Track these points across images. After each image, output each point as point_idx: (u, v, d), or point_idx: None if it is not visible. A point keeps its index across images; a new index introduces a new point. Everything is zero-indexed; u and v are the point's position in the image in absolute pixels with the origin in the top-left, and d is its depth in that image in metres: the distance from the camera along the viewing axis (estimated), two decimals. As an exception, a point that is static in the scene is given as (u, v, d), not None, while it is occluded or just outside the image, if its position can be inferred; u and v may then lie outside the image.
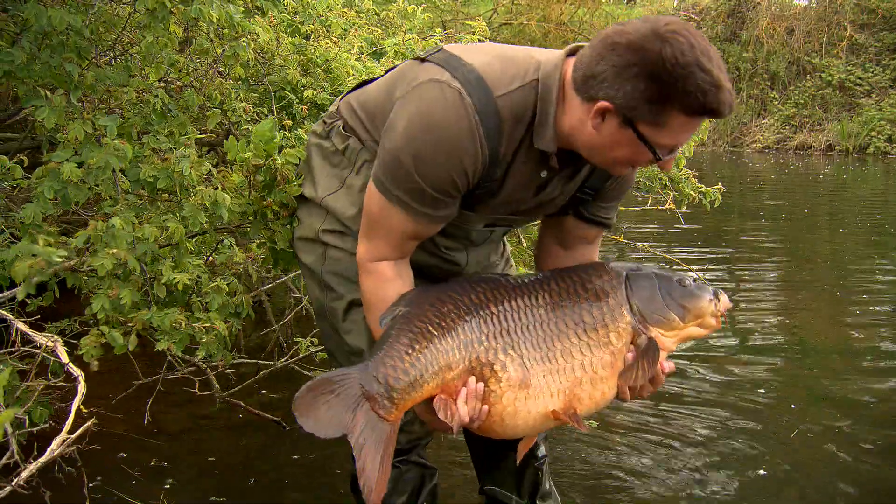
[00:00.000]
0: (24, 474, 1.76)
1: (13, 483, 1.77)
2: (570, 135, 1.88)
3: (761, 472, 2.96)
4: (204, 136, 2.83)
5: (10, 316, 2.06)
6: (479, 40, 4.12)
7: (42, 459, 1.78)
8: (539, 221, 2.35)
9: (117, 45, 2.73)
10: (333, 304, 2.17)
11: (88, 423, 1.87)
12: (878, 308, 5.39)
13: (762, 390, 3.82)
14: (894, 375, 4.08)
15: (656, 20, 1.76)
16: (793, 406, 3.63)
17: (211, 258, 2.60)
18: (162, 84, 2.74)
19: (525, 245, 4.08)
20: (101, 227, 2.16)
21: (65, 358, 1.98)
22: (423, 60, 1.97)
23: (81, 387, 1.93)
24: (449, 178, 1.88)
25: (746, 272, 6.53)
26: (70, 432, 1.83)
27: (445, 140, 1.85)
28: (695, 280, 2.02)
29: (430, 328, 1.85)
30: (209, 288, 2.41)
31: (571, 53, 1.90)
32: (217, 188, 2.36)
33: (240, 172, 2.40)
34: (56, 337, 2.02)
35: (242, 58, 2.72)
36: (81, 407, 1.89)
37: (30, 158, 2.35)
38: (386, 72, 2.20)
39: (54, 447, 1.80)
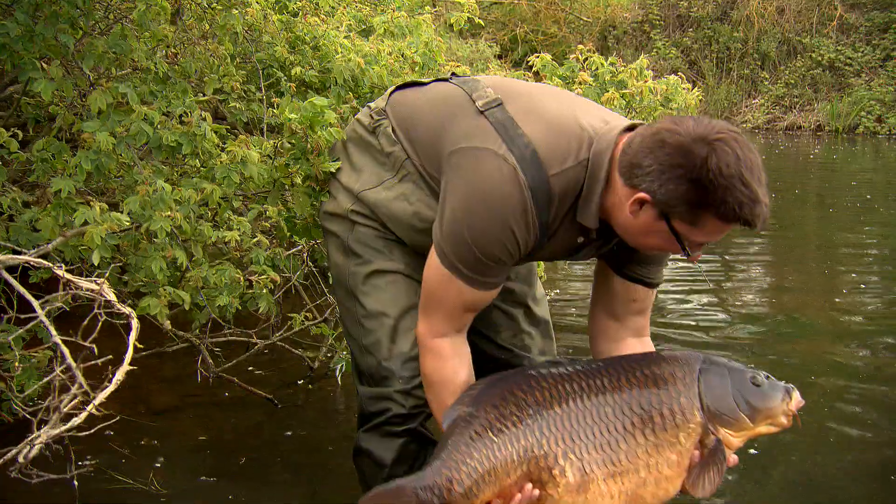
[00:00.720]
0: (97, 400, 1.87)
1: (88, 409, 1.86)
2: (609, 211, 1.96)
3: (751, 450, 2.97)
4: (206, 98, 2.82)
5: (50, 264, 2.09)
6: (469, 18, 4.09)
7: (109, 388, 1.88)
8: None
9: (109, 15, 2.71)
10: (356, 268, 2.24)
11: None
12: (864, 286, 5.42)
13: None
14: (882, 350, 4.11)
15: (708, 125, 1.81)
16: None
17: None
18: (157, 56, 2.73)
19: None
20: (150, 192, 2.20)
21: (112, 298, 2.02)
22: (480, 112, 2.04)
23: (135, 322, 2.01)
24: (504, 250, 1.97)
25: (736, 250, 6.55)
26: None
27: (500, 216, 1.94)
28: (767, 377, 1.99)
29: (491, 434, 1.85)
30: (252, 243, 2.47)
31: (630, 129, 1.96)
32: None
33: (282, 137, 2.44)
34: (102, 280, 2.06)
35: (234, 28, 2.71)
36: (137, 343, 1.97)
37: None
38: (435, 80, 2.29)
39: (119, 376, 1.90)
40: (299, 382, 3.49)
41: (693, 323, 4.50)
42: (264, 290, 2.47)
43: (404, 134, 2.20)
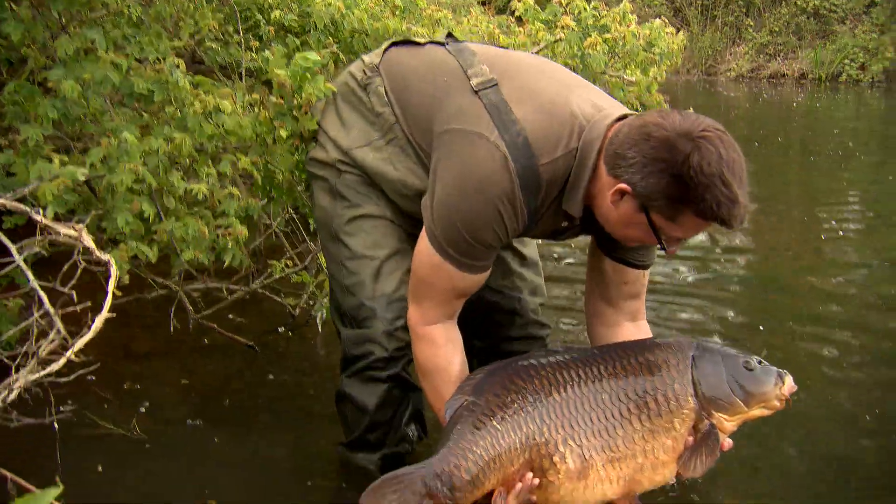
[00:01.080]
0: (76, 346, 1.85)
1: (66, 354, 1.85)
2: (593, 198, 1.99)
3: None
4: (182, 43, 2.78)
5: (28, 209, 2.07)
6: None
7: (89, 335, 1.87)
8: None
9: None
10: (343, 210, 2.28)
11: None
12: (842, 233, 5.47)
13: (732, 313, 3.87)
14: (861, 297, 4.16)
15: (695, 121, 1.83)
16: (761, 328, 3.69)
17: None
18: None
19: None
20: (114, 144, 2.17)
21: (91, 244, 2.00)
22: (474, 91, 2.04)
23: (114, 270, 1.99)
24: (494, 234, 2.01)
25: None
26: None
27: (490, 202, 1.97)
28: (760, 362, 2.03)
29: (495, 423, 1.90)
30: (223, 195, 2.46)
31: (622, 118, 1.98)
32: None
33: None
34: (80, 226, 2.04)
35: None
36: (116, 291, 1.96)
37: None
38: (431, 41, 2.28)
39: (98, 323, 1.89)
40: (280, 329, 3.49)
41: (674, 262, 4.54)
42: (230, 245, 2.45)
43: (396, 97, 2.20)
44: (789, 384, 2.03)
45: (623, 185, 1.87)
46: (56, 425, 2.07)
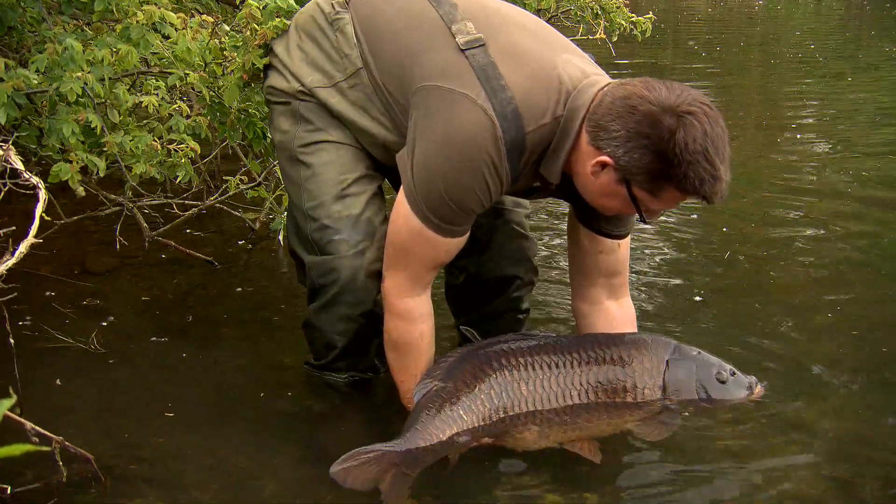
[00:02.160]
0: None
1: None
2: (572, 166, 1.96)
3: (696, 297, 3.05)
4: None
5: None
6: None
7: (12, 260, 1.82)
8: None
9: None
10: (306, 134, 2.20)
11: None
12: (799, 136, 5.51)
13: (694, 216, 3.91)
14: (819, 196, 4.24)
15: (680, 95, 1.81)
16: (725, 229, 3.74)
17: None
18: None
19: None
20: (59, 51, 2.10)
21: (19, 166, 1.95)
22: (460, 49, 1.97)
23: (42, 194, 1.94)
24: (477, 200, 1.98)
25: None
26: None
27: (476, 168, 1.93)
28: (733, 373, 2.08)
29: (461, 413, 1.94)
30: (172, 109, 2.41)
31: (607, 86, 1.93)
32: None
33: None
34: (8, 146, 1.99)
35: None
36: (44, 215, 1.92)
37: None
38: None
39: (23, 249, 1.84)
40: (240, 243, 3.46)
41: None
42: (183, 160, 2.41)
43: (367, 41, 2.11)
44: (758, 393, 2.11)
45: (605, 158, 1.86)
46: (12, 340, 2.04)
